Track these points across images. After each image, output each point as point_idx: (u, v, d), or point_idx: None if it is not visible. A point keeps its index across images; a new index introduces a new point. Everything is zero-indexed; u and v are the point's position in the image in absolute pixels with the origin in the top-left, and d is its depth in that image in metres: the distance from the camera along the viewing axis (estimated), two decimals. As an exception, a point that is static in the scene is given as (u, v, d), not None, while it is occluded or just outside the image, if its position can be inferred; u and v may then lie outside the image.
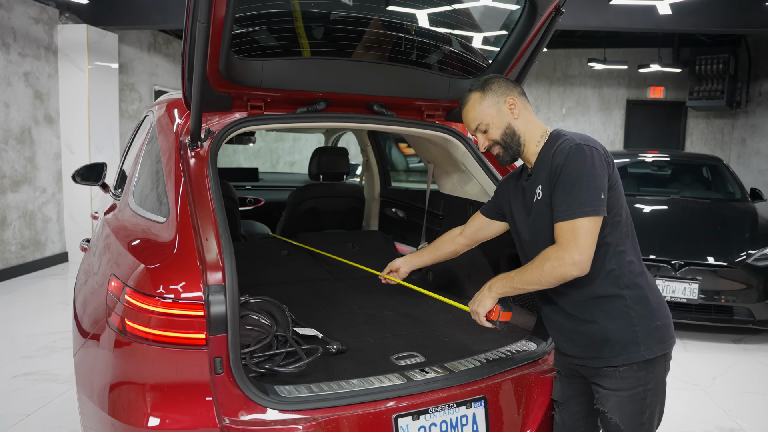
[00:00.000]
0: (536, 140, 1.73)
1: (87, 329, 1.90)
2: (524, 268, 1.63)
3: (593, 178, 1.53)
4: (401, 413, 1.69)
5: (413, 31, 2.29)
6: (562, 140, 1.63)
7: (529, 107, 1.76)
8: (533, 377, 1.96)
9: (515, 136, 1.72)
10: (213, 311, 1.54)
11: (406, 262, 2.19)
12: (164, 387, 1.54)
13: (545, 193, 1.64)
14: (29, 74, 6.00)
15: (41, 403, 3.18)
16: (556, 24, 2.16)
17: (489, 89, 1.74)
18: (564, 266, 1.52)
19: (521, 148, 1.73)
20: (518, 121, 1.72)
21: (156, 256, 1.67)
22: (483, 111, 1.73)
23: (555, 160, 1.59)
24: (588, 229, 1.51)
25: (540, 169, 1.68)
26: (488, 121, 1.73)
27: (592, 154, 1.55)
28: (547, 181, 1.62)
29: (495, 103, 1.73)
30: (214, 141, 1.99)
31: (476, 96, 1.75)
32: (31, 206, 6.14)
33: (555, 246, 1.56)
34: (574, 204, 1.52)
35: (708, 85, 9.33)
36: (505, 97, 1.72)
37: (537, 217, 1.69)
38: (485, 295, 1.72)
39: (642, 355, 1.59)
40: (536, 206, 1.68)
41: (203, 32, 1.62)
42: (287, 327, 2.03)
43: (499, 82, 1.74)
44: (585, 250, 1.51)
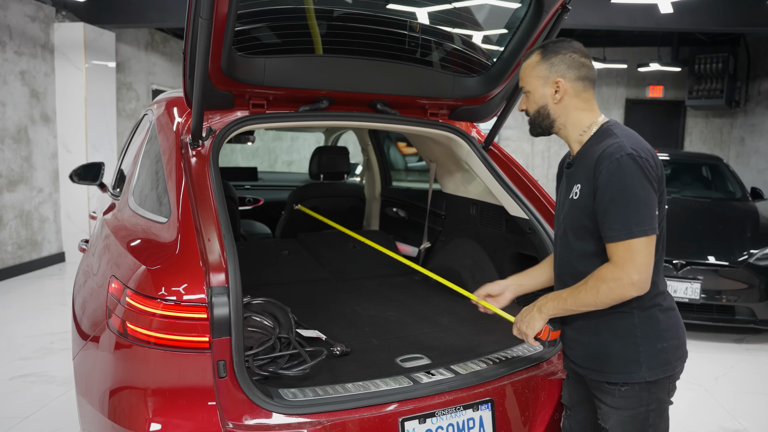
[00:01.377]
0: (581, 129, 1.61)
1: (87, 331, 1.86)
2: (577, 289, 1.53)
3: (648, 193, 1.45)
4: (407, 416, 1.66)
5: (417, 28, 2.26)
6: (611, 143, 1.50)
7: (585, 95, 1.60)
8: (540, 379, 1.93)
9: (548, 119, 1.62)
10: (216, 313, 1.50)
11: (515, 286, 1.90)
12: (166, 391, 1.50)
13: (582, 197, 1.54)
14: (25, 73, 5.95)
15: (39, 406, 3.14)
16: (563, 21, 2.14)
17: (548, 59, 1.60)
18: (623, 287, 1.45)
19: (553, 130, 1.64)
20: (558, 106, 1.60)
21: (157, 257, 1.64)
22: (531, 77, 1.63)
23: (601, 164, 1.47)
24: (646, 247, 1.44)
25: (581, 164, 1.58)
26: (530, 89, 1.64)
27: (645, 166, 1.45)
28: (587, 182, 1.52)
29: (544, 77, 1.60)
30: (215, 140, 1.96)
31: (535, 58, 1.62)
32: (28, 206, 6.09)
33: (610, 266, 1.47)
34: (630, 222, 1.43)
35: (707, 85, 9.33)
36: (555, 77, 1.58)
37: (569, 215, 1.60)
38: (535, 317, 1.62)
39: (642, 377, 1.52)
40: (570, 204, 1.59)
41: (205, 29, 1.59)
42: (290, 329, 2.00)
43: (563, 58, 1.59)
44: (644, 269, 1.44)
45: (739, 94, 9.44)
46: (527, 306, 1.67)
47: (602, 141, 1.54)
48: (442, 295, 2.78)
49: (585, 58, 1.62)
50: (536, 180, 2.47)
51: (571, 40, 1.65)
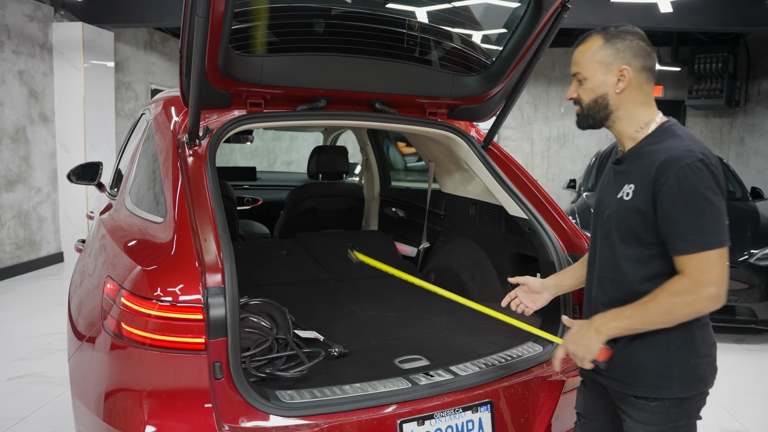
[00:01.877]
0: (637, 125, 1.47)
1: (82, 333, 1.84)
2: (644, 306, 1.38)
3: (721, 202, 1.35)
4: (406, 418, 1.65)
5: (416, 27, 2.24)
6: (676, 144, 1.38)
7: (646, 88, 1.47)
8: (540, 381, 1.92)
9: (605, 110, 1.47)
10: (212, 314, 1.49)
11: (554, 287, 1.80)
12: (162, 393, 1.49)
13: (635, 200, 1.41)
14: (24, 72, 5.93)
15: (36, 407, 3.12)
16: (562, 20, 2.12)
17: (613, 44, 1.45)
18: (699, 302, 1.35)
19: (606, 123, 1.50)
20: (618, 97, 1.45)
21: (153, 257, 1.62)
22: (590, 62, 1.46)
23: (667, 169, 1.35)
24: (721, 259, 1.34)
25: (636, 163, 1.45)
26: (588, 75, 1.47)
27: (716, 173, 1.35)
28: (643, 185, 1.40)
29: (607, 63, 1.45)
30: (212, 139, 1.95)
31: (596, 42, 1.46)
32: (26, 206, 6.08)
33: (684, 279, 1.35)
34: (707, 233, 1.32)
35: (707, 84, 9.31)
36: (620, 63, 1.44)
37: (617, 215, 1.47)
38: (592, 339, 1.45)
39: (674, 393, 1.43)
40: (619, 204, 1.46)
41: (202, 27, 1.57)
42: (288, 330, 1.99)
43: (630, 44, 1.44)
44: (722, 282, 1.34)
45: (739, 93, 9.43)
46: (579, 326, 1.50)
47: (664, 141, 1.41)
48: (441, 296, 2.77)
49: (650, 47, 1.47)
50: (536, 180, 2.45)
51: (633, 25, 1.50)
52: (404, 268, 3.19)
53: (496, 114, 2.53)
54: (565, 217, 2.27)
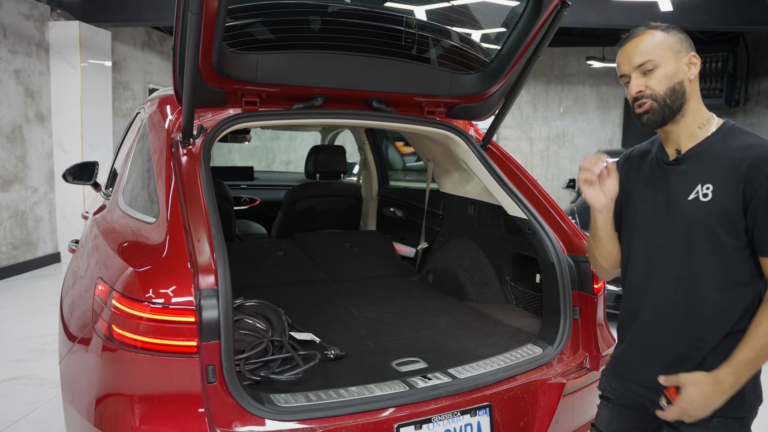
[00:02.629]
0: (699, 121, 1.39)
1: (73, 335, 1.81)
2: (758, 338, 1.27)
3: None
4: (403, 422, 1.62)
5: (414, 24, 2.21)
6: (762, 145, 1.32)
7: (697, 84, 1.41)
8: (539, 383, 1.89)
9: (682, 98, 1.36)
10: (205, 317, 1.46)
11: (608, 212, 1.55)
12: (153, 398, 1.46)
13: (719, 199, 1.31)
14: (20, 71, 5.90)
15: (30, 409, 3.09)
16: (562, 17, 2.09)
17: (673, 32, 1.38)
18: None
19: (676, 115, 1.38)
20: (691, 85, 1.37)
21: (145, 258, 1.59)
22: (660, 48, 1.36)
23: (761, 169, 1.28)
24: None
25: (707, 163, 1.35)
26: (661, 62, 1.35)
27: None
28: (727, 183, 1.31)
29: (677, 50, 1.36)
30: (206, 138, 1.92)
31: (655, 32, 1.38)
32: (23, 206, 6.04)
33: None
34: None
35: (707, 84, 9.29)
36: (689, 51, 1.37)
37: (688, 220, 1.35)
38: (717, 400, 1.29)
39: (743, 412, 1.35)
40: (692, 207, 1.35)
41: (195, 23, 1.54)
42: (283, 331, 1.96)
43: (686, 37, 1.40)
44: None
45: (739, 93, 9.41)
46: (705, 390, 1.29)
47: (736, 140, 1.34)
48: (440, 296, 2.74)
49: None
50: (535, 180, 2.42)
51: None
52: (402, 269, 3.17)
53: (495, 113, 2.50)
54: (565, 217, 2.24)
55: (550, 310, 2.12)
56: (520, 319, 2.36)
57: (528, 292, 2.46)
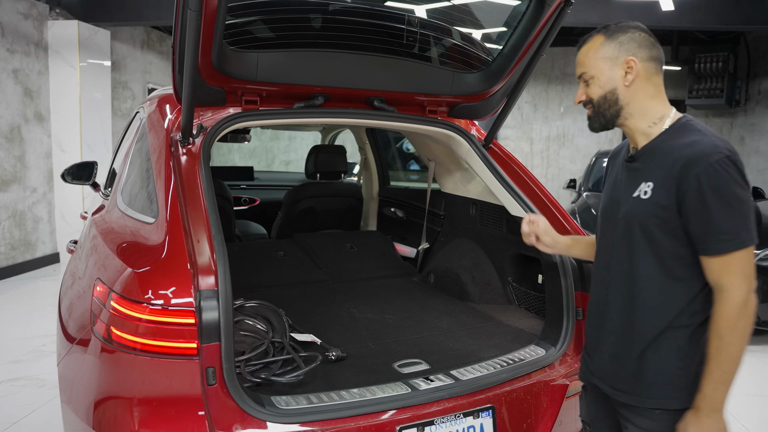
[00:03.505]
0: (650, 120, 1.43)
1: (72, 336, 1.79)
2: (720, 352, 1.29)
3: (749, 198, 1.31)
4: (405, 425, 1.60)
5: (416, 23, 2.19)
6: (700, 140, 1.33)
7: (655, 79, 1.44)
8: (542, 385, 1.87)
9: (615, 105, 1.43)
10: (205, 318, 1.44)
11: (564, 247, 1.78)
12: (153, 400, 1.44)
13: (657, 198, 1.35)
14: (18, 71, 5.88)
15: (28, 410, 3.07)
16: (565, 16, 2.08)
17: (615, 38, 1.43)
18: (747, 305, 1.29)
19: (618, 120, 1.45)
20: (628, 90, 1.42)
21: (144, 259, 1.57)
22: (594, 60, 1.44)
23: (693, 168, 1.29)
24: (750, 256, 1.30)
25: (653, 160, 1.39)
26: (594, 73, 1.45)
27: (742, 169, 1.31)
28: (665, 182, 1.34)
29: (612, 58, 1.42)
30: (206, 137, 1.90)
31: (598, 39, 1.45)
32: (21, 206, 6.02)
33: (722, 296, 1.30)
34: (740, 231, 1.28)
35: (707, 84, 9.29)
36: (626, 55, 1.41)
37: (630, 216, 1.41)
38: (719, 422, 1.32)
39: (684, 403, 1.38)
40: (634, 204, 1.40)
41: (194, 21, 1.52)
42: (284, 333, 1.94)
43: (633, 36, 1.42)
44: (753, 277, 1.31)
45: (739, 93, 9.40)
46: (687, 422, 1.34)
47: (683, 137, 1.36)
48: (441, 297, 2.72)
49: (653, 38, 1.45)
50: (538, 179, 2.40)
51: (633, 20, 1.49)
52: (403, 269, 3.16)
53: (498, 112, 2.48)
54: (568, 217, 2.22)
55: (553, 311, 2.10)
56: (523, 320, 2.35)
57: (530, 292, 2.45)
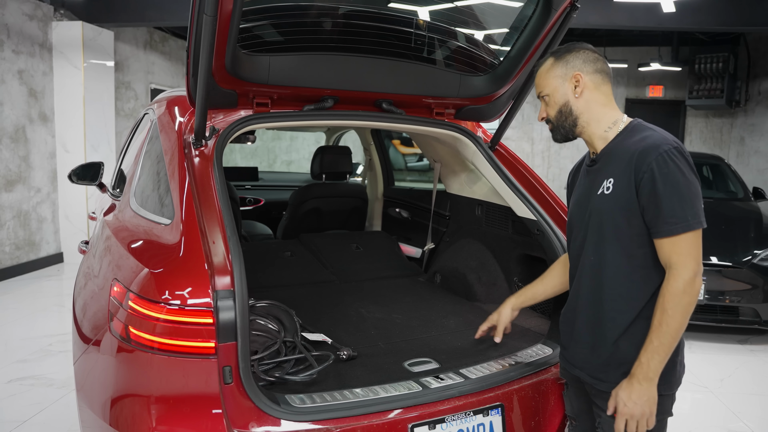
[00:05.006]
0: (605, 126, 1.57)
1: (88, 335, 1.82)
2: (661, 324, 1.39)
3: (698, 185, 1.42)
4: (417, 422, 1.62)
5: (424, 26, 2.22)
6: (650, 135, 1.47)
7: (604, 88, 1.59)
8: (550, 383, 1.90)
9: (570, 116, 1.59)
10: (222, 318, 1.46)
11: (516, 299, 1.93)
12: (170, 398, 1.46)
13: (617, 191, 1.48)
14: (23, 72, 5.90)
15: (37, 409, 3.09)
16: (571, 19, 2.11)
17: (563, 58, 1.60)
18: (693, 284, 1.38)
19: (576, 130, 1.60)
20: (579, 101, 1.58)
21: (161, 260, 1.60)
22: (548, 80, 1.62)
23: (646, 156, 1.42)
24: (698, 238, 1.41)
25: (611, 159, 1.53)
26: (549, 92, 1.62)
27: (689, 159, 1.43)
28: (623, 176, 1.46)
29: (561, 75, 1.59)
30: (219, 139, 1.93)
31: (549, 62, 1.63)
32: (26, 206, 6.04)
33: (670, 273, 1.40)
34: (687, 215, 1.39)
35: (707, 84, 9.31)
36: (573, 71, 1.58)
37: (597, 212, 1.53)
38: (649, 389, 1.41)
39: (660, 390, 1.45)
40: (599, 200, 1.53)
41: (210, 25, 1.55)
42: (295, 332, 1.97)
43: (578, 54, 1.59)
44: (700, 258, 1.41)
45: (740, 93, 9.43)
46: (625, 388, 1.44)
47: (636, 135, 1.50)
48: (448, 297, 2.75)
49: (597, 54, 1.63)
50: (543, 180, 2.43)
51: (581, 42, 1.68)
52: (409, 269, 3.18)
53: (504, 114, 2.51)
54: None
55: (559, 310, 2.13)
56: (529, 319, 2.37)
57: (536, 292, 2.47)
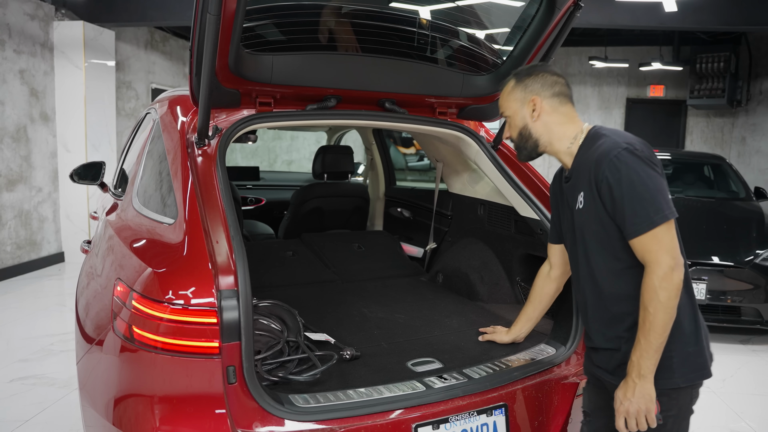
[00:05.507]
0: (567, 142, 1.62)
1: (91, 335, 1.82)
2: (645, 323, 1.42)
3: (656, 180, 1.43)
4: (421, 422, 1.62)
5: (427, 26, 2.22)
6: (602, 142, 1.50)
7: (562, 109, 1.63)
8: (553, 383, 1.90)
9: (530, 138, 1.66)
10: (226, 318, 1.46)
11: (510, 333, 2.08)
12: (173, 398, 1.46)
13: (588, 203, 1.52)
14: (25, 71, 5.90)
15: (39, 408, 3.09)
16: (575, 19, 2.10)
17: (522, 82, 1.65)
18: (670, 279, 1.39)
19: (539, 149, 1.66)
20: (537, 124, 1.63)
21: (165, 259, 1.59)
22: (508, 102, 1.68)
23: (600, 168, 1.46)
24: (668, 231, 1.42)
25: (580, 173, 1.56)
26: (509, 114, 1.69)
27: (642, 156, 1.45)
28: (589, 187, 1.51)
29: (520, 99, 1.65)
30: (222, 139, 1.92)
31: (510, 84, 1.68)
32: (27, 206, 6.04)
33: (648, 269, 1.42)
34: (649, 212, 1.41)
35: (709, 84, 9.30)
36: (531, 95, 1.63)
37: (579, 227, 1.59)
38: (644, 387, 1.43)
39: (676, 383, 1.47)
40: (578, 216, 1.58)
41: (213, 25, 1.55)
42: (298, 332, 1.96)
43: (536, 78, 1.64)
44: (674, 250, 1.42)
45: (741, 93, 9.42)
46: (621, 387, 1.48)
47: (593, 144, 1.54)
48: (450, 297, 2.75)
49: (557, 76, 1.66)
50: (546, 180, 2.43)
51: (544, 63, 1.73)
52: (411, 269, 3.18)
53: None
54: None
55: (562, 310, 2.13)
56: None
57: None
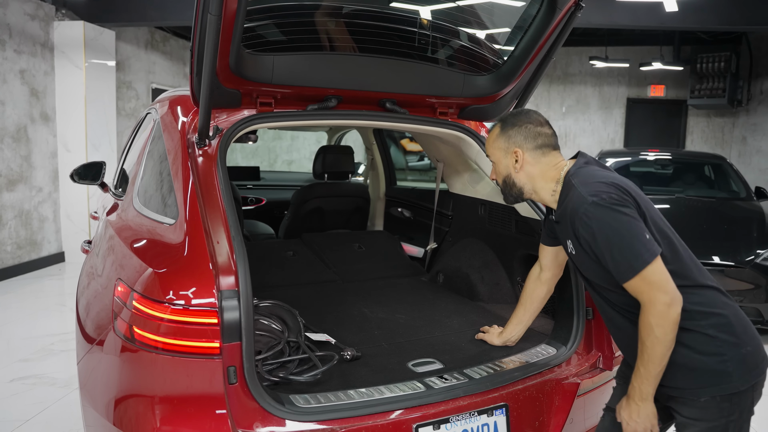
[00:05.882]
0: (550, 190, 1.66)
1: (92, 335, 1.82)
2: (643, 354, 1.45)
3: (628, 224, 1.44)
4: (422, 423, 1.62)
5: (428, 26, 2.22)
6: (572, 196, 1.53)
7: (545, 159, 1.66)
8: (554, 383, 1.90)
9: (515, 187, 1.71)
10: (226, 318, 1.46)
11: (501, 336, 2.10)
12: (174, 399, 1.46)
13: (578, 250, 1.57)
14: (25, 71, 5.90)
15: (40, 408, 3.09)
16: (576, 19, 2.10)
17: (507, 132, 1.69)
18: (665, 314, 1.41)
19: (524, 196, 1.72)
20: (520, 174, 1.68)
21: (166, 260, 1.60)
22: (492, 149, 1.73)
23: (574, 222, 1.51)
24: (655, 270, 1.43)
25: (564, 219, 1.59)
26: (494, 160, 1.75)
27: (610, 203, 1.45)
28: (573, 238, 1.56)
29: (504, 149, 1.70)
30: (222, 139, 1.92)
31: (496, 130, 1.72)
32: (27, 205, 6.04)
33: (642, 309, 1.45)
34: (630, 260, 1.43)
35: (709, 84, 9.30)
36: (514, 147, 1.67)
37: (575, 266, 1.67)
38: (646, 408, 1.48)
39: (735, 387, 1.46)
40: (572, 258, 1.65)
41: (214, 25, 1.55)
42: (299, 332, 1.96)
43: (519, 130, 1.67)
44: (666, 285, 1.43)
45: (741, 93, 9.42)
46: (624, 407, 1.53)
47: (567, 195, 1.58)
48: (451, 297, 2.75)
49: (541, 126, 1.68)
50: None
51: (529, 110, 1.74)
52: (412, 269, 3.18)
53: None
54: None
55: (563, 310, 2.13)
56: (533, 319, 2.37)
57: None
